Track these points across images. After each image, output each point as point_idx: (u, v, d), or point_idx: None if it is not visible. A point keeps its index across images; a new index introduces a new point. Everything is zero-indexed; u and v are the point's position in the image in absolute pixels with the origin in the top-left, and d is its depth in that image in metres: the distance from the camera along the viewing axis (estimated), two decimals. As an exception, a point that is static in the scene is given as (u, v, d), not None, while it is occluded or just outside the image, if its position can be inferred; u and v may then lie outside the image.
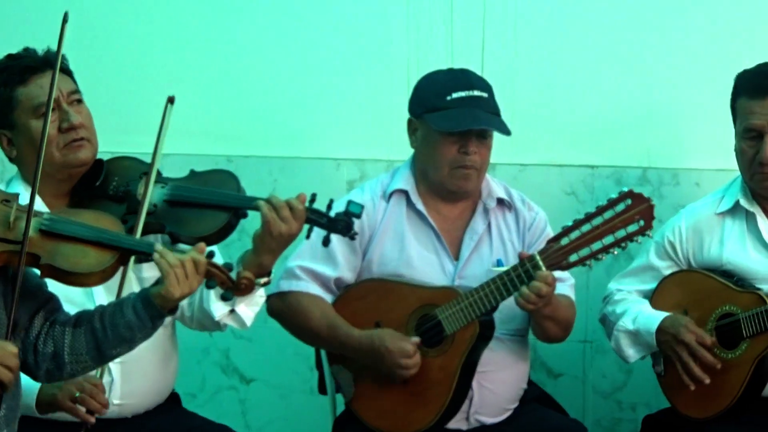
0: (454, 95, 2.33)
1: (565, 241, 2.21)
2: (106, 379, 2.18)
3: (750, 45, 2.76)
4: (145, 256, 1.99)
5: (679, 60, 2.85)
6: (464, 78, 2.39)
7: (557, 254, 2.21)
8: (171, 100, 2.25)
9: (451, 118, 2.30)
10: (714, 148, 2.66)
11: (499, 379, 2.33)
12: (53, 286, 2.06)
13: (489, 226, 2.41)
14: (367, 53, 2.99)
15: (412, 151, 2.48)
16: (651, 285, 2.46)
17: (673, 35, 2.88)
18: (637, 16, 2.89)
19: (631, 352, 2.39)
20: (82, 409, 2.11)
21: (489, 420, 2.33)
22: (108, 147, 2.32)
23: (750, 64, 2.44)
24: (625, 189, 2.22)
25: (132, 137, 2.55)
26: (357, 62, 3.00)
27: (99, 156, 2.27)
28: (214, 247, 2.09)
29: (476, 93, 2.34)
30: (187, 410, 2.38)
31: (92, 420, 2.12)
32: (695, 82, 2.81)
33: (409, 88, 2.60)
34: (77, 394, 2.10)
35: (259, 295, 2.28)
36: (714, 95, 2.60)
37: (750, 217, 2.37)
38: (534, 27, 2.95)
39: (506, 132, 2.35)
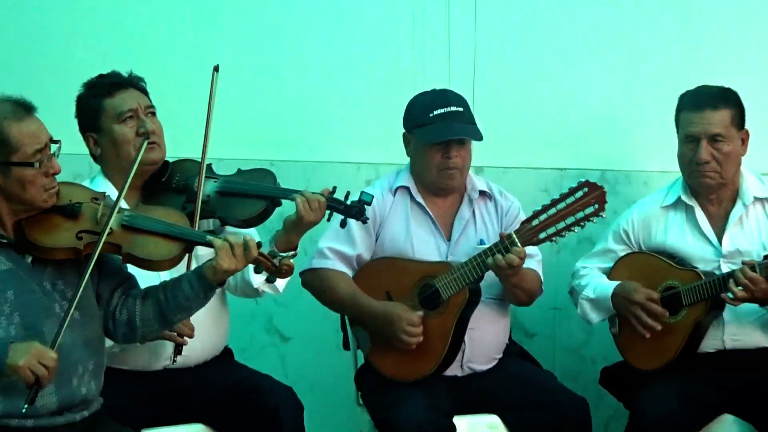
0: (435, 112, 2.48)
1: (535, 222, 2.38)
2: (172, 332, 2.30)
3: (688, 69, 2.89)
4: (204, 245, 2.10)
5: (631, 80, 3.00)
6: (443, 97, 2.53)
7: (529, 232, 2.38)
8: (216, 69, 2.37)
9: (434, 131, 2.46)
10: (659, 154, 2.77)
11: (485, 334, 2.49)
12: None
13: (474, 213, 2.56)
14: (381, 77, 3.12)
15: (414, 155, 2.62)
16: (609, 264, 2.61)
17: (625, 62, 3.01)
18: (595, 46, 2.99)
19: (594, 316, 2.56)
20: (177, 336, 2.31)
21: (479, 367, 2.50)
22: (171, 152, 2.45)
23: (688, 85, 2.58)
24: (583, 180, 2.39)
25: (190, 143, 2.55)
26: (372, 84, 3.13)
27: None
28: (254, 231, 2.38)
29: (453, 108, 2.49)
30: (238, 362, 2.55)
31: (185, 342, 2.31)
32: (644, 99, 2.94)
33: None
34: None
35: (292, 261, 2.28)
36: (659, 111, 2.74)
37: (689, 210, 2.52)
38: (521, 55, 3.05)
39: (479, 138, 2.49)
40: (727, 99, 2.48)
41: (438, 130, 2.45)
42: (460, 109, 2.48)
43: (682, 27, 2.92)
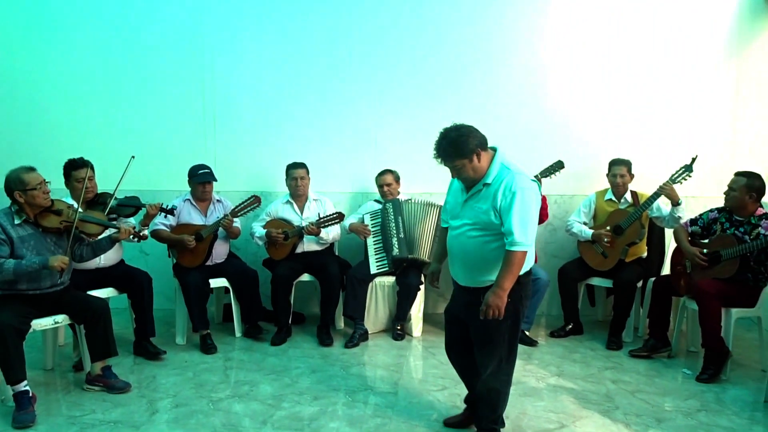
0: (199, 172, 4.27)
1: (237, 208, 4.24)
2: (99, 257, 3.70)
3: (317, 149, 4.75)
4: (112, 227, 3.37)
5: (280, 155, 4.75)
6: (200, 166, 4.25)
7: (234, 211, 4.24)
8: (133, 157, 3.41)
9: (197, 179, 4.23)
10: (282, 184, 4.61)
11: (220, 249, 4.42)
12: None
13: (215, 207, 4.39)
14: (188, 143, 4.75)
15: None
16: (263, 223, 4.54)
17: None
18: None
19: (261, 243, 4.45)
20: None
21: (218, 260, 4.42)
22: (101, 188, 3.76)
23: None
24: (253, 194, 4.25)
25: (107, 185, 3.71)
26: (183, 144, 4.71)
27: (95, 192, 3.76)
28: (132, 219, 3.88)
29: (205, 170, 4.23)
30: (127, 264, 4.16)
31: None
32: (280, 162, 4.66)
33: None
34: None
35: (148, 233, 3.91)
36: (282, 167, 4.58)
37: (291, 204, 4.53)
38: (245, 131, 4.63)
39: (215, 180, 4.24)
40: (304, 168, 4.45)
41: (199, 179, 4.28)
42: (208, 170, 4.26)
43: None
